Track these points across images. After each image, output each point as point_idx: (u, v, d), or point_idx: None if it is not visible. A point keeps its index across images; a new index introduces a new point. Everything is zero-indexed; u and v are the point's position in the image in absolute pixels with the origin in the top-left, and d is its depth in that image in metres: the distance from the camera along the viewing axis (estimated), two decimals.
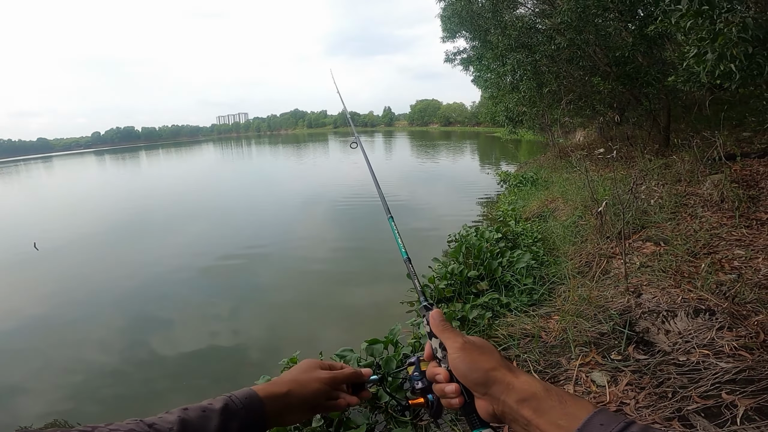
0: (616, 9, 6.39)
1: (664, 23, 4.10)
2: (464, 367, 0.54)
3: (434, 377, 0.59)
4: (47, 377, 4.12)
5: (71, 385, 3.93)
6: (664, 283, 2.32)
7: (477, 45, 12.11)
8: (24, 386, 3.98)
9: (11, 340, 4.93)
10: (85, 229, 10.79)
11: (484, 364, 0.53)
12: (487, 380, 0.52)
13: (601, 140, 11.67)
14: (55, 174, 37.90)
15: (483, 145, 34.07)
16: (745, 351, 1.59)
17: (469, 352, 0.55)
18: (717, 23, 3.09)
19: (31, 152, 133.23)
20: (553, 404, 0.46)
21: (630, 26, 7.04)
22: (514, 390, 0.49)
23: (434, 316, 0.62)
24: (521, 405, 0.48)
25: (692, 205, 3.92)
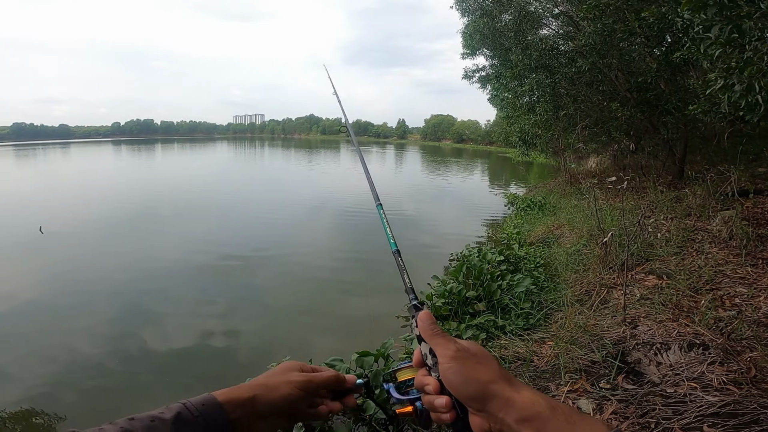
0: (642, 34, 6.38)
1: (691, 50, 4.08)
2: (457, 380, 0.47)
3: (423, 387, 0.51)
4: (30, 363, 4.11)
5: (53, 373, 3.93)
6: (662, 316, 2.28)
7: (496, 63, 12.23)
8: (4, 371, 3.98)
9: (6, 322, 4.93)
10: (92, 216, 10.95)
11: (481, 376, 0.46)
12: (484, 395, 0.45)
13: (614, 168, 11.61)
14: (71, 160, 38.73)
15: (494, 164, 34.09)
16: (733, 385, 1.56)
17: (463, 362, 0.48)
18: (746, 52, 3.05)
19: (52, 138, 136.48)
20: (560, 425, 0.40)
21: (656, 52, 7.02)
22: (514, 407, 0.43)
23: (423, 318, 0.55)
24: (522, 425, 0.42)
25: (700, 240, 3.86)
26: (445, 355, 0.49)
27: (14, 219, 10.59)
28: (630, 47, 7.01)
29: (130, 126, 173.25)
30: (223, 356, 4.23)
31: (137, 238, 9.01)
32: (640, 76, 6.75)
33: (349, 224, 10.31)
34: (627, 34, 6.43)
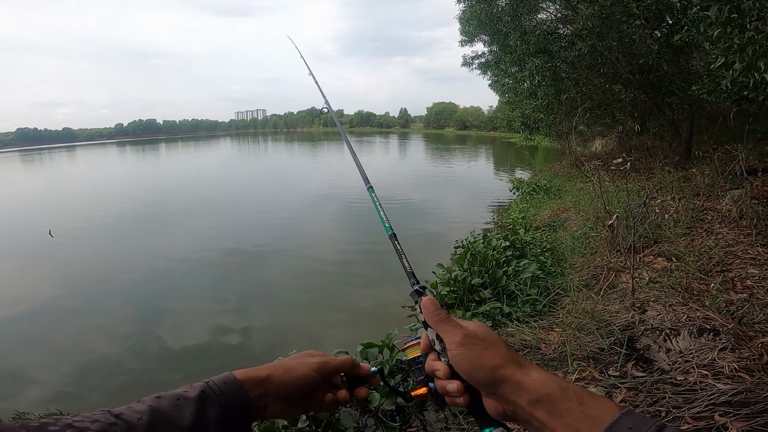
0: (642, 16, 6.21)
1: (690, 32, 3.98)
2: (466, 366, 0.48)
3: (433, 372, 0.52)
4: (50, 364, 4.21)
5: (73, 373, 4.02)
6: (672, 300, 2.24)
7: (495, 49, 12.02)
8: (28, 372, 4.08)
9: (19, 326, 5.05)
10: (102, 217, 11.09)
11: (489, 361, 0.47)
12: (494, 380, 0.46)
13: (619, 150, 11.40)
14: (77, 163, 39.08)
15: (498, 150, 33.76)
16: (745, 373, 1.52)
17: (471, 348, 0.48)
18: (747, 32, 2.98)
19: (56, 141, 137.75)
20: (571, 406, 0.41)
21: (656, 33, 6.84)
22: (525, 390, 0.44)
23: (426, 305, 0.55)
24: (534, 407, 0.42)
25: (709, 220, 3.79)
26: (452, 341, 0.50)
27: (25, 224, 10.76)
28: (629, 29, 6.83)
29: (133, 126, 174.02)
30: (234, 351, 4.29)
31: (147, 237, 9.11)
32: (642, 58, 6.59)
33: (354, 215, 10.30)
34: (626, 16, 6.26)
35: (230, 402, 0.49)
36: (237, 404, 0.49)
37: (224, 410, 0.48)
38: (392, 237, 0.69)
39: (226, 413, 0.48)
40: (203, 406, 0.46)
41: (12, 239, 9.23)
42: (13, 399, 3.60)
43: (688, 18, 4.02)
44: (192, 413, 0.45)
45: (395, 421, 2.04)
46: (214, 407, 0.47)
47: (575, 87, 8.24)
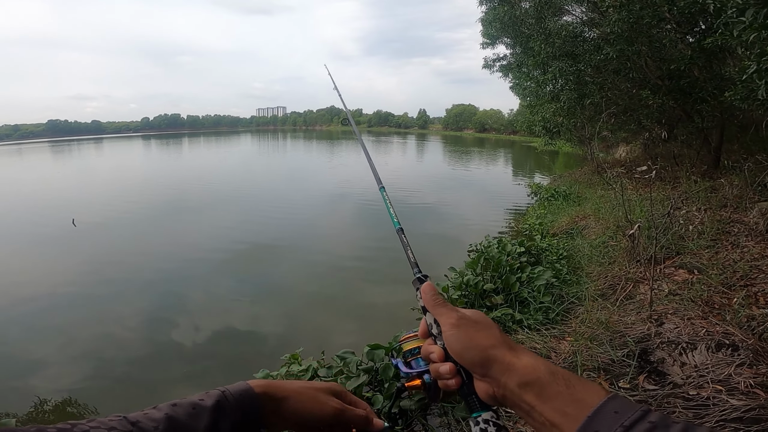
0: (673, 20, 6.00)
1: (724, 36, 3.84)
2: (459, 346, 0.49)
3: (429, 356, 0.53)
4: (69, 353, 4.33)
5: (90, 362, 4.13)
6: (691, 313, 2.16)
7: (518, 52, 11.85)
8: (46, 361, 4.20)
9: (40, 316, 5.20)
10: (124, 208, 11.45)
11: (482, 341, 0.48)
12: (485, 360, 0.47)
13: (645, 157, 11.08)
14: (104, 155, 40.48)
15: (518, 154, 33.28)
16: (760, 389, 1.46)
17: (465, 329, 0.49)
18: None
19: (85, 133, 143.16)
20: (560, 389, 0.41)
21: (688, 38, 6.61)
22: (515, 372, 0.44)
23: (425, 290, 0.57)
24: (523, 389, 0.43)
25: (735, 233, 3.64)
26: (447, 323, 0.51)
27: (50, 213, 11.09)
28: (660, 33, 6.61)
29: (158, 121, 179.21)
30: (245, 344, 4.37)
31: (166, 230, 9.36)
32: (673, 63, 6.36)
33: (369, 215, 10.34)
34: (656, 21, 6.06)
35: (245, 414, 0.49)
36: (250, 416, 0.49)
37: (237, 421, 0.48)
38: (399, 231, 0.72)
39: (239, 423, 0.48)
40: (218, 417, 0.46)
41: (37, 227, 9.52)
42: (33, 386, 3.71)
43: (721, 21, 3.87)
44: (207, 423, 0.45)
45: (398, 425, 2.03)
46: (228, 418, 0.47)
47: (600, 92, 8.05)
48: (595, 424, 0.37)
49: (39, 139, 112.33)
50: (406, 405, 2.08)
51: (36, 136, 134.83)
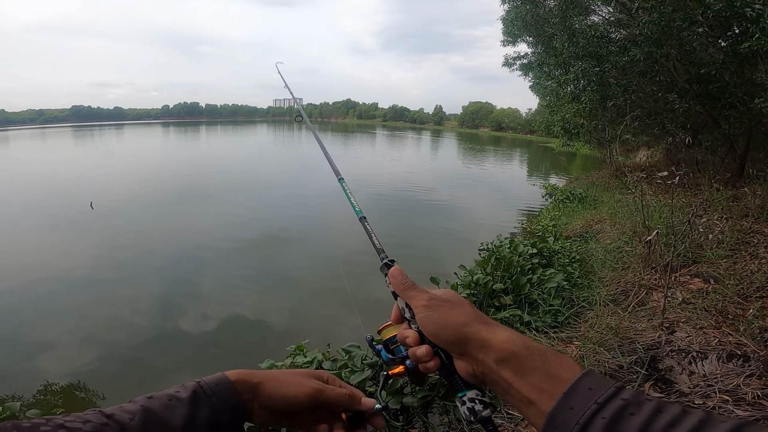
0: (706, 23, 5.81)
1: (761, 41, 3.71)
2: (433, 326, 0.48)
3: (404, 340, 0.52)
4: (77, 337, 4.37)
5: (99, 346, 4.17)
6: (703, 323, 2.14)
7: (539, 51, 11.62)
8: (56, 343, 4.24)
9: (52, 298, 5.24)
10: (142, 192, 11.69)
11: (454, 319, 0.47)
12: (460, 338, 0.46)
13: (666, 162, 10.81)
14: (124, 140, 41.37)
15: (534, 154, 32.80)
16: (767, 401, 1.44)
17: (436, 309, 0.48)
18: None
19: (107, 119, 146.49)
20: (535, 364, 0.41)
21: (720, 42, 6.38)
22: (491, 348, 0.44)
23: (393, 274, 0.56)
24: (501, 365, 0.43)
25: (755, 244, 3.55)
26: (418, 305, 0.50)
27: (69, 195, 11.27)
28: (690, 37, 6.39)
29: (177, 109, 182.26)
30: (253, 334, 4.41)
31: (182, 215, 9.55)
32: (703, 67, 6.16)
33: (382, 209, 10.37)
34: (688, 23, 5.86)
35: (222, 403, 0.48)
36: (228, 405, 0.49)
37: (215, 411, 0.47)
38: (362, 219, 0.72)
39: (217, 414, 0.47)
40: (195, 407, 0.46)
41: (56, 210, 9.67)
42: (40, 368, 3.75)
43: (759, 27, 3.74)
44: (184, 414, 0.45)
45: (398, 421, 2.04)
46: (206, 408, 0.47)
47: (624, 94, 7.86)
48: (570, 401, 0.37)
49: (62, 124, 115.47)
50: (408, 402, 2.08)
51: (59, 120, 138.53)
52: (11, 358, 3.98)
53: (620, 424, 0.33)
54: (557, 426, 0.36)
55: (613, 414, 0.34)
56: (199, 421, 0.45)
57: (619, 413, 0.34)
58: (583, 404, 0.36)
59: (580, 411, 0.35)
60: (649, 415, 0.33)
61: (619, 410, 0.34)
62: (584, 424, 0.35)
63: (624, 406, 0.34)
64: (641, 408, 0.34)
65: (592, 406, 0.35)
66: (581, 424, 0.35)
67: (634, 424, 0.33)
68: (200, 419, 0.46)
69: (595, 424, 0.34)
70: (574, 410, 0.36)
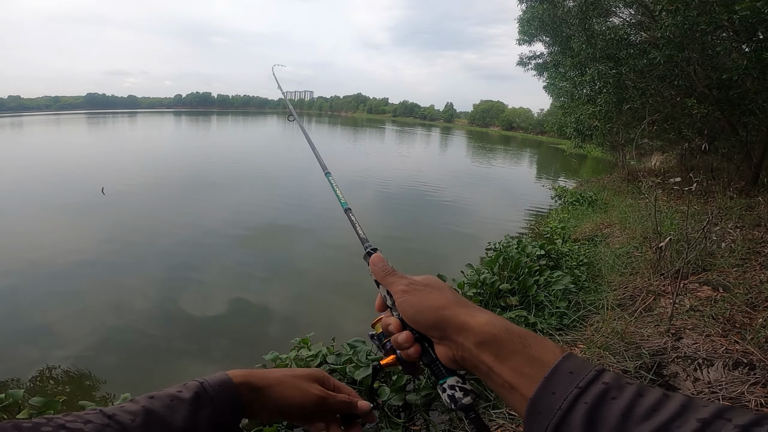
0: (732, 28, 5.68)
1: None
2: (411, 310, 0.48)
3: (387, 328, 0.52)
4: (80, 322, 4.33)
5: (101, 332, 4.14)
6: (710, 330, 2.14)
7: (556, 51, 11.50)
8: (59, 327, 4.22)
9: (56, 282, 5.22)
10: (152, 179, 11.77)
11: (433, 302, 0.47)
12: (439, 321, 0.45)
13: (680, 168, 10.67)
14: (137, 127, 41.76)
15: (544, 155, 32.50)
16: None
17: (414, 293, 0.48)
18: None
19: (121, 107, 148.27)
20: (516, 348, 0.40)
21: (744, 48, 6.25)
22: (470, 331, 0.43)
23: (374, 261, 0.56)
24: (480, 349, 0.42)
25: (766, 254, 3.52)
26: (397, 290, 0.50)
27: (79, 180, 11.34)
28: (714, 41, 6.26)
29: (190, 98, 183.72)
30: (256, 324, 4.42)
31: (191, 202, 9.63)
32: (724, 73, 6.04)
33: (389, 204, 10.39)
34: (712, 28, 5.73)
35: (224, 405, 0.49)
36: (230, 408, 0.49)
37: (217, 412, 0.47)
38: (347, 211, 0.74)
39: (218, 415, 0.48)
40: (197, 408, 0.46)
41: (68, 194, 9.73)
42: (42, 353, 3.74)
43: None
44: (185, 415, 0.45)
45: (400, 418, 2.05)
46: (207, 409, 0.47)
47: (641, 97, 7.75)
48: (551, 386, 0.36)
49: (77, 111, 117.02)
50: (411, 399, 2.09)
51: (74, 107, 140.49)
52: (13, 340, 3.95)
53: (602, 408, 0.33)
54: (540, 411, 0.36)
55: (595, 398, 0.34)
56: (199, 422, 0.46)
57: (600, 397, 0.33)
58: (565, 389, 0.35)
59: (562, 396, 0.35)
60: (631, 399, 0.33)
61: (600, 394, 0.34)
62: (567, 409, 0.34)
63: (605, 390, 0.34)
64: (623, 392, 0.33)
65: (573, 391, 0.35)
66: (564, 409, 0.34)
67: (616, 408, 0.32)
68: (201, 420, 0.46)
69: (578, 409, 0.34)
70: (556, 395, 0.35)
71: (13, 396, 1.63)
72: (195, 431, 0.45)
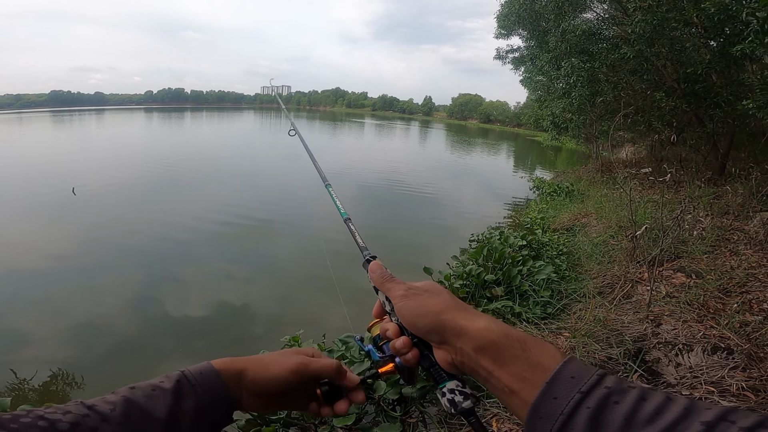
0: (700, 24, 5.91)
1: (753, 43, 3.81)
2: (410, 314, 0.48)
3: (386, 333, 0.52)
4: (55, 325, 4.18)
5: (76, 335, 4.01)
6: (687, 317, 2.24)
7: (533, 45, 11.69)
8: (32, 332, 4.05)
9: (30, 285, 5.01)
10: (123, 178, 11.34)
11: (432, 307, 0.46)
12: (437, 325, 0.45)
13: (649, 159, 11.08)
14: (105, 126, 40.02)
15: (520, 147, 33.15)
16: (751, 392, 1.54)
17: (413, 298, 0.48)
18: None
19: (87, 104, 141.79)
20: (516, 352, 0.40)
21: (711, 43, 6.52)
22: (469, 335, 0.43)
23: (373, 268, 0.56)
24: (479, 353, 0.42)
25: (735, 241, 3.70)
26: (396, 296, 0.50)
27: (49, 180, 10.89)
28: (682, 36, 6.50)
29: (161, 94, 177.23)
30: (239, 324, 4.34)
31: (165, 201, 9.34)
32: (691, 67, 6.29)
33: (370, 198, 10.36)
34: (682, 24, 5.95)
35: (207, 392, 0.47)
36: (214, 395, 0.48)
37: (200, 400, 0.47)
38: (347, 220, 0.75)
39: (202, 403, 0.47)
40: (179, 397, 0.45)
41: (36, 195, 9.31)
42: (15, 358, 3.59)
43: (752, 29, 3.84)
44: (167, 404, 0.44)
45: (396, 411, 2.06)
46: (190, 397, 0.46)
47: (613, 91, 7.99)
48: (553, 390, 0.36)
49: (41, 109, 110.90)
50: (407, 392, 2.10)
51: (38, 105, 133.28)
52: None
53: (605, 413, 0.33)
54: (541, 416, 0.36)
55: (598, 403, 0.33)
56: (183, 411, 0.45)
57: (603, 402, 0.33)
58: (567, 393, 0.35)
59: (564, 401, 0.35)
60: (634, 403, 0.32)
61: (603, 399, 0.33)
62: (569, 414, 0.34)
63: (608, 395, 0.34)
64: (625, 396, 0.33)
65: (575, 395, 0.34)
66: (566, 414, 0.34)
67: (619, 412, 0.32)
68: (184, 409, 0.45)
69: (580, 414, 0.33)
70: (558, 400, 0.35)
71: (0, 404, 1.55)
72: (179, 421, 0.44)
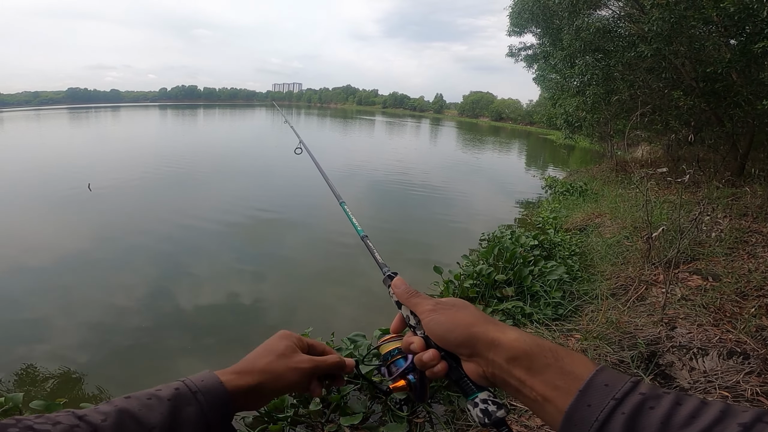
0: (720, 23, 5.75)
1: None
2: (441, 329, 0.48)
3: (409, 346, 0.52)
4: (67, 318, 4.24)
5: (88, 329, 4.06)
6: (702, 320, 2.20)
7: (546, 42, 11.52)
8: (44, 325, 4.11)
9: (43, 277, 5.09)
10: (138, 174, 11.50)
11: (462, 320, 0.47)
12: (469, 338, 0.46)
13: (666, 158, 10.86)
14: (121, 122, 40.73)
15: (533, 146, 32.73)
16: (765, 397, 1.51)
17: (443, 312, 0.49)
18: None
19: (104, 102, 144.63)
20: (548, 362, 0.41)
21: (731, 42, 6.35)
22: (501, 347, 0.43)
23: (397, 284, 0.57)
24: (512, 364, 0.42)
25: (753, 243, 3.62)
26: (424, 310, 0.51)
27: (66, 176, 11.02)
28: (702, 35, 6.35)
29: (175, 92, 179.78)
30: (249, 321, 4.36)
31: (179, 197, 9.47)
32: (710, 66, 6.13)
33: (379, 196, 10.36)
34: (701, 22, 5.80)
35: (209, 400, 0.47)
36: (216, 401, 0.47)
37: (203, 407, 0.46)
38: (365, 238, 0.75)
39: (206, 410, 0.46)
40: (177, 405, 0.45)
41: (54, 191, 9.47)
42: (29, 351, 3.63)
43: None
44: (163, 412, 0.43)
45: (403, 411, 2.06)
46: (191, 405, 0.45)
47: (629, 89, 7.84)
48: (587, 398, 0.36)
49: (58, 106, 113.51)
50: None
51: (55, 102, 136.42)
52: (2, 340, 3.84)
53: (640, 418, 0.33)
54: (576, 423, 0.36)
55: (633, 409, 0.34)
56: (181, 419, 0.44)
57: (638, 408, 0.34)
58: (601, 400, 0.36)
59: (598, 407, 0.35)
60: (669, 408, 0.33)
61: (638, 405, 0.34)
62: (603, 421, 0.34)
63: (643, 401, 0.34)
64: (660, 401, 0.33)
65: (610, 402, 0.35)
66: (600, 420, 0.34)
67: (654, 417, 0.32)
68: (183, 417, 0.44)
69: (615, 420, 0.34)
70: (592, 407, 0.36)
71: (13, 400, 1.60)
72: (176, 428, 0.43)
